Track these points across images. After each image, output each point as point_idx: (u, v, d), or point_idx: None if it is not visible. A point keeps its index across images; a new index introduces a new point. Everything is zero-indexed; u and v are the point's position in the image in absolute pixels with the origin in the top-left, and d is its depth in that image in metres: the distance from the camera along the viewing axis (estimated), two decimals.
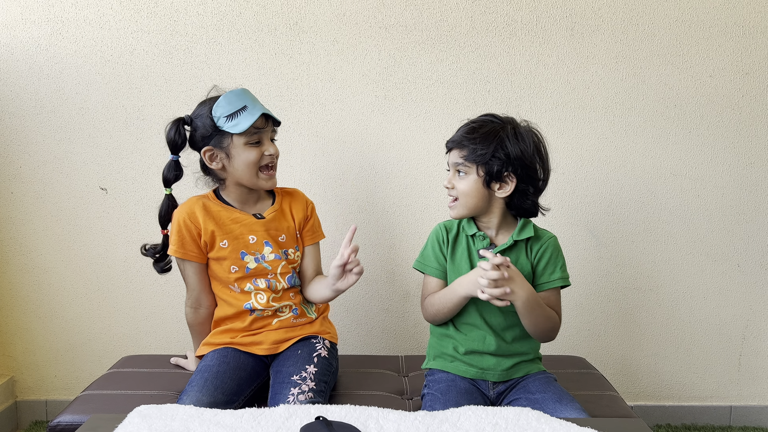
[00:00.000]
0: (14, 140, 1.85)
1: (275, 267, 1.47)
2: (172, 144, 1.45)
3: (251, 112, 1.40)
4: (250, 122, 1.39)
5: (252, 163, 1.42)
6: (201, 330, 1.53)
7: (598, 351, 2.01)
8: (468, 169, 1.36)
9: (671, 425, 2.03)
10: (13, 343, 1.95)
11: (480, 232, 1.40)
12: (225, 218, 1.46)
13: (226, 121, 1.40)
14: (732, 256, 1.97)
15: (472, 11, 1.83)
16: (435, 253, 1.44)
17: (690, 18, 1.85)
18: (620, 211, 1.94)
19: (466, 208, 1.38)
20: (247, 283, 1.46)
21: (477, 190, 1.36)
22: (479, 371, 1.38)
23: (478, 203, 1.37)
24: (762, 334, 2.02)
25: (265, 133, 1.44)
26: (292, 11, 1.81)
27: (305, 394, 1.31)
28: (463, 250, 1.42)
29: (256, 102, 1.44)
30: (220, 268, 1.46)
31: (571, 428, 1.06)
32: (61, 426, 1.31)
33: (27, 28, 1.79)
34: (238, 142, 1.41)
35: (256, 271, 1.46)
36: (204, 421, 1.05)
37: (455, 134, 1.40)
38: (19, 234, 1.89)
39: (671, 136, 1.91)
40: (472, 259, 1.41)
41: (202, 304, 1.51)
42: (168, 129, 1.46)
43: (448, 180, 1.39)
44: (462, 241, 1.43)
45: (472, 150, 1.35)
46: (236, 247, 1.45)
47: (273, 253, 1.47)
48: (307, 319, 1.52)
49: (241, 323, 1.48)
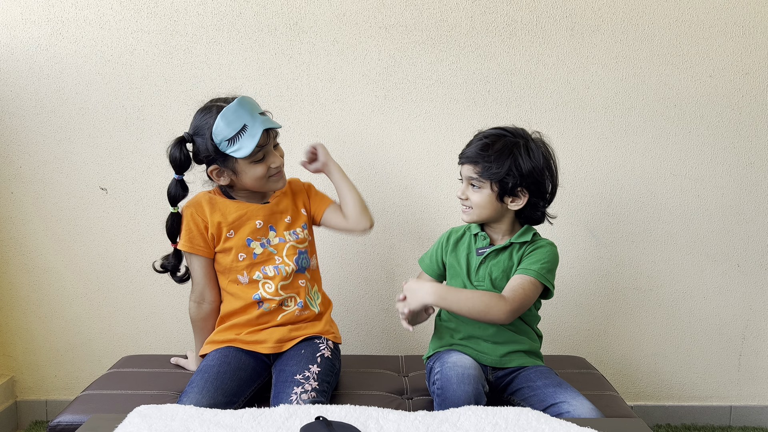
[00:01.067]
0: (14, 140, 1.85)
1: (281, 250, 1.50)
2: (177, 165, 1.45)
3: (251, 132, 1.38)
4: (253, 145, 1.38)
5: (260, 178, 1.45)
6: (203, 326, 1.54)
7: (598, 351, 2.01)
8: (482, 184, 1.42)
9: (671, 425, 2.03)
10: (13, 343, 1.95)
11: (483, 232, 1.48)
12: (231, 208, 1.49)
13: (228, 146, 1.39)
14: (732, 256, 1.97)
15: (472, 11, 1.83)
16: (434, 252, 1.56)
17: (690, 18, 1.85)
18: (620, 211, 1.94)
19: (479, 217, 1.45)
20: (255, 271, 1.48)
21: (490, 203, 1.42)
22: (475, 353, 1.45)
23: (491, 214, 1.44)
24: (762, 334, 2.02)
25: (268, 147, 1.44)
26: (292, 11, 1.81)
27: (308, 394, 1.31)
28: (465, 248, 1.50)
29: (254, 114, 1.40)
30: (228, 259, 1.48)
31: (571, 428, 1.06)
32: (61, 426, 1.31)
33: (27, 28, 1.79)
34: (243, 162, 1.42)
35: (263, 257, 1.49)
36: (204, 421, 1.06)
37: (468, 149, 1.44)
38: (19, 234, 1.89)
39: (671, 136, 1.91)
40: (470, 255, 1.49)
41: (205, 299, 1.52)
42: (170, 150, 1.44)
43: (462, 191, 1.44)
44: (466, 240, 1.51)
45: (485, 167, 1.39)
46: (242, 235, 1.48)
47: (277, 237, 1.51)
48: (311, 313, 1.52)
49: (246, 317, 1.48)
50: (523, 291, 1.36)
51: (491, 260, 1.45)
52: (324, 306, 1.58)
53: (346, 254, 1.93)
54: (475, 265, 1.46)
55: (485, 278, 1.44)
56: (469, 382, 1.29)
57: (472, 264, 1.47)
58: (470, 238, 1.50)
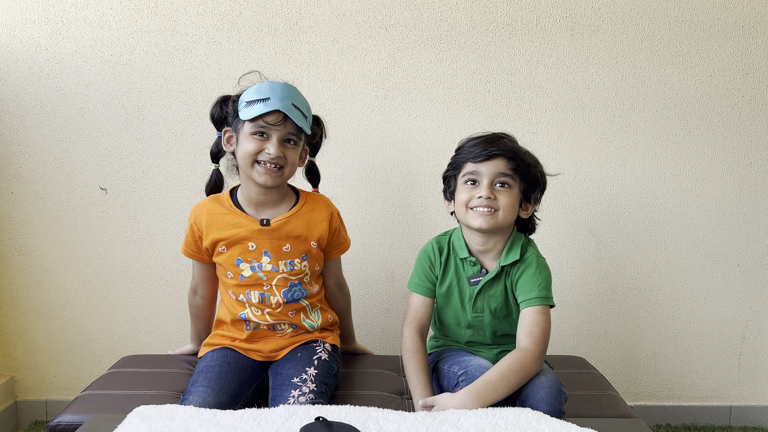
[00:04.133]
0: (14, 140, 1.85)
1: (271, 278, 1.43)
2: (211, 118, 1.47)
3: (268, 104, 1.35)
4: (259, 113, 1.34)
5: (248, 154, 1.37)
6: (196, 313, 1.59)
7: (598, 351, 2.01)
8: (513, 183, 1.32)
9: (671, 425, 2.03)
10: (13, 343, 1.95)
11: (471, 257, 1.38)
12: (228, 222, 1.43)
13: (244, 107, 1.38)
14: (732, 256, 1.97)
15: (472, 11, 1.83)
16: (424, 271, 1.42)
17: (690, 18, 1.85)
18: (620, 211, 1.94)
19: (503, 223, 1.33)
20: (240, 293, 1.45)
21: (514, 207, 1.33)
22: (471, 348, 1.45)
23: (510, 221, 1.34)
24: (762, 334, 2.02)
25: (274, 131, 1.36)
26: (292, 11, 1.81)
27: (306, 396, 1.30)
28: (453, 272, 1.40)
29: (286, 99, 1.36)
30: (221, 272, 1.49)
31: (571, 428, 1.06)
32: (61, 426, 1.31)
33: (27, 28, 1.79)
34: (246, 130, 1.38)
35: (250, 281, 1.43)
36: (204, 422, 1.06)
37: (497, 144, 1.32)
38: (19, 234, 1.89)
39: (671, 136, 1.91)
40: (460, 282, 1.40)
41: (198, 292, 1.56)
42: (211, 108, 1.47)
43: (489, 191, 1.30)
44: (452, 263, 1.41)
45: (522, 164, 1.32)
46: (232, 254, 1.43)
47: (270, 264, 1.43)
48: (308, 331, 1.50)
49: (240, 333, 1.47)
50: (539, 326, 1.29)
51: (487, 291, 1.38)
52: (324, 324, 1.53)
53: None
54: (469, 295, 1.39)
55: (484, 311, 1.39)
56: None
57: (465, 293, 1.40)
58: (456, 263, 1.39)
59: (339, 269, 1.61)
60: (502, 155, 1.32)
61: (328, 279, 1.58)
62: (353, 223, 1.91)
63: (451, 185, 1.41)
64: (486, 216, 1.31)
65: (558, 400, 1.21)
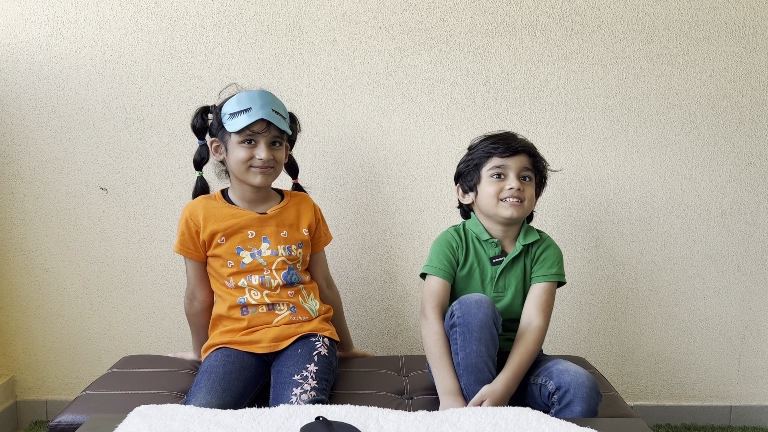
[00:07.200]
0: (14, 140, 1.85)
1: (270, 263, 1.51)
2: (195, 131, 1.56)
3: (251, 114, 1.45)
4: (245, 124, 1.45)
5: (240, 162, 1.48)
6: (195, 321, 1.60)
7: (598, 351, 2.01)
8: (532, 176, 1.46)
9: (671, 425, 2.03)
10: (13, 343, 1.95)
11: (493, 239, 1.47)
12: (225, 214, 1.52)
13: (228, 119, 1.47)
14: (732, 256, 1.97)
15: (472, 11, 1.83)
16: (446, 255, 1.47)
17: (690, 18, 1.85)
18: (620, 211, 1.94)
19: (527, 212, 1.47)
20: (241, 278, 1.50)
21: (534, 199, 1.48)
22: None
23: (531, 210, 1.49)
24: (762, 334, 2.02)
25: (261, 137, 1.48)
26: (292, 11, 1.81)
27: (307, 394, 1.32)
28: (473, 255, 1.48)
29: (265, 106, 1.47)
30: (217, 264, 1.52)
31: (571, 428, 1.06)
32: (61, 426, 1.31)
33: (27, 28, 1.79)
34: (234, 139, 1.48)
35: (250, 267, 1.50)
36: (204, 421, 1.06)
37: (518, 141, 1.46)
38: (19, 234, 1.89)
39: (671, 136, 1.91)
40: (481, 263, 1.47)
41: (196, 297, 1.58)
42: (192, 118, 1.56)
43: (518, 183, 1.42)
44: (471, 249, 1.49)
45: (539, 160, 1.48)
46: (233, 243, 1.50)
47: (270, 249, 1.52)
48: (308, 316, 1.54)
49: (238, 324, 1.49)
50: (549, 305, 1.43)
51: (509, 271, 1.47)
52: (321, 311, 1.58)
53: (346, 254, 1.93)
54: (490, 275, 1.47)
55: (505, 290, 1.46)
56: (488, 305, 1.31)
57: (487, 274, 1.47)
58: (475, 246, 1.48)
59: (325, 264, 1.69)
60: (525, 151, 1.45)
61: (316, 275, 1.65)
62: (353, 223, 1.91)
63: (473, 179, 1.49)
64: (516, 206, 1.42)
65: (596, 401, 1.28)
